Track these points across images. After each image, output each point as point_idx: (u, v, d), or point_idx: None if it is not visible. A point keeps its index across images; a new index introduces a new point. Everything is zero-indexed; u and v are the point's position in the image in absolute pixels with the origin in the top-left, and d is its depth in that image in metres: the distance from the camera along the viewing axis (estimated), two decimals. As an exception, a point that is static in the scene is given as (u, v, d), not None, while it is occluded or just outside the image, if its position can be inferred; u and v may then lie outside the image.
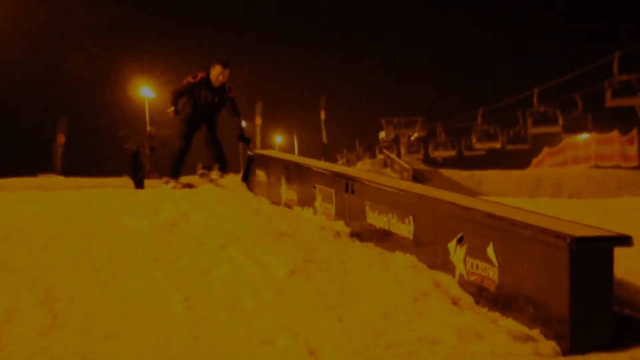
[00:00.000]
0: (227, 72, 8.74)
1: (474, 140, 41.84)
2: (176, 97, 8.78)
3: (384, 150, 38.38)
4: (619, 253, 3.39)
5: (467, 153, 42.46)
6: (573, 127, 34.07)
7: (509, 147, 38.67)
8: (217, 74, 8.68)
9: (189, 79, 8.72)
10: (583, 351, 3.17)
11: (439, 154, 45.25)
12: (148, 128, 34.41)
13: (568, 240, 3.23)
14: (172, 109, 8.70)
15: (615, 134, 31.35)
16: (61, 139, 33.42)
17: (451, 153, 45.15)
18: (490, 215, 3.91)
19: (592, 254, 3.33)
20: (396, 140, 46.98)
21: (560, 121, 34.89)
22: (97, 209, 7.12)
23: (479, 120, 41.11)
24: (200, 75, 8.71)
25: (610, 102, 29.53)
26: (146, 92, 40.15)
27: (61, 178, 25.26)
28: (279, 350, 3.15)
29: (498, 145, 40.88)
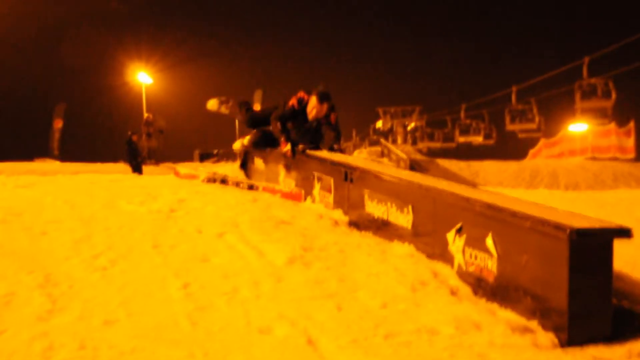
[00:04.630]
0: (324, 107, 7.62)
1: (457, 134, 42.30)
2: (284, 127, 7.68)
3: (381, 140, 38.43)
4: (619, 245, 3.38)
5: (478, 142, 42.59)
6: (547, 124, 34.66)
7: (521, 135, 38.80)
8: (311, 106, 7.64)
9: (295, 103, 7.68)
10: (581, 343, 3.17)
11: (425, 144, 45.56)
12: (145, 114, 34.44)
13: (568, 231, 3.22)
14: (289, 147, 7.51)
15: (612, 126, 31.36)
16: (58, 123, 33.36)
17: (436, 144, 45.44)
18: (490, 206, 3.90)
19: (591, 246, 3.32)
20: (389, 131, 47.01)
21: (537, 119, 35.26)
22: (96, 194, 7.14)
23: (462, 114, 41.57)
24: (304, 100, 7.71)
25: (579, 104, 29.85)
26: (143, 77, 40.16)
27: (58, 163, 25.25)
28: (277, 338, 3.15)
29: (480, 139, 41.27)
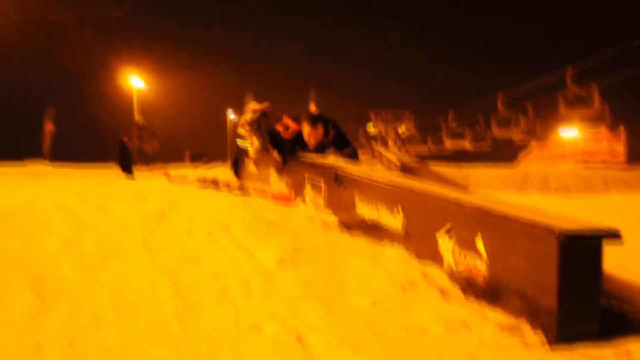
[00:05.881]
0: (319, 129, 7.44)
1: (445, 139, 42.45)
2: (273, 142, 7.66)
3: (372, 143, 38.49)
4: (608, 248, 3.40)
5: (466, 148, 42.53)
6: (532, 130, 34.92)
7: (517, 139, 38.93)
8: (307, 134, 7.44)
9: (281, 130, 7.59)
10: (570, 342, 3.18)
11: (414, 148, 45.61)
12: (136, 117, 34.43)
13: (557, 233, 3.23)
14: (277, 155, 7.64)
15: (603, 130, 31.56)
16: (49, 126, 33.25)
17: (424, 148, 45.47)
18: (480, 208, 3.91)
19: (581, 248, 3.33)
20: (380, 135, 46.99)
21: (522, 125, 35.46)
22: (87, 196, 7.13)
23: (450, 120, 41.75)
24: (291, 129, 7.55)
25: (564, 111, 30.06)
26: (135, 81, 40.17)
27: (49, 163, 25.18)
28: (267, 337, 3.15)
29: (466, 144, 41.37)
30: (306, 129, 7.34)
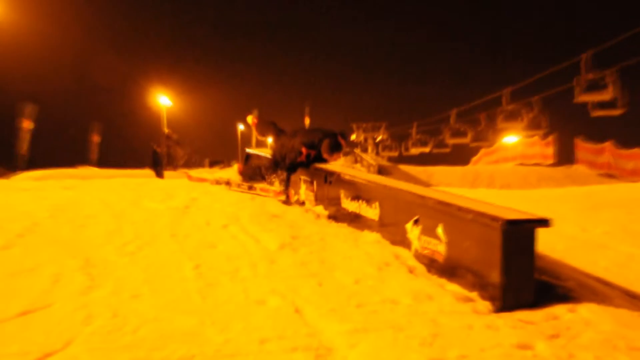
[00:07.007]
0: (339, 155, 6.86)
1: (410, 145, 42.50)
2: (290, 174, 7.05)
3: (354, 150, 38.50)
4: (540, 232, 3.42)
5: (436, 150, 42.23)
6: (478, 139, 34.95)
7: (473, 144, 38.89)
8: (333, 159, 6.81)
9: (303, 159, 6.83)
10: (511, 309, 3.21)
11: (387, 154, 45.54)
12: (165, 130, 34.36)
13: (500, 222, 3.26)
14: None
15: (536, 139, 31.98)
16: (95, 138, 33.21)
17: (395, 154, 45.41)
18: (440, 202, 3.93)
19: (519, 233, 3.36)
20: (359, 143, 46.86)
21: (469, 135, 35.56)
22: (125, 194, 7.09)
23: (414, 130, 41.79)
24: (312, 155, 6.81)
25: (501, 124, 30.09)
26: (164, 100, 40.10)
27: (95, 169, 25.09)
28: (270, 308, 3.15)
29: (427, 150, 41.40)
30: (335, 158, 6.85)
